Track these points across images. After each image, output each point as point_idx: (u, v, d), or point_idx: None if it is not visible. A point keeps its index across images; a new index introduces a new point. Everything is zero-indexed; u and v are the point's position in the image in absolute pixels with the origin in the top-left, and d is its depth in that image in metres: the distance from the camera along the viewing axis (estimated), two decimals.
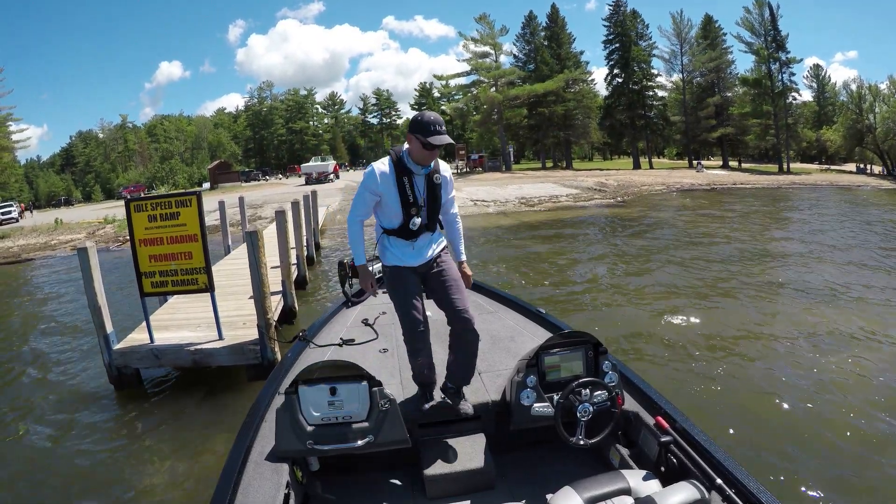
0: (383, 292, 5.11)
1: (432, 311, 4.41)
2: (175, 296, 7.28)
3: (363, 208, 2.84)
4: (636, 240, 15.04)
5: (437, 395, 2.99)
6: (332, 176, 44.44)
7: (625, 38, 52.72)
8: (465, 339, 2.85)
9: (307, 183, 40.37)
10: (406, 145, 2.74)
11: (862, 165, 51.18)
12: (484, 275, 10.85)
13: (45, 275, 16.27)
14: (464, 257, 3.07)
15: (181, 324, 6.48)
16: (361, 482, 2.91)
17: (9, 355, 7.93)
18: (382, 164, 2.76)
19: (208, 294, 5.73)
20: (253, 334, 5.81)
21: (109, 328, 5.70)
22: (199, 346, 5.69)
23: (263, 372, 5.46)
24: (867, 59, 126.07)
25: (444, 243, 3.03)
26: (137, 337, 6.03)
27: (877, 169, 48.25)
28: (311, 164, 47.69)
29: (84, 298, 5.84)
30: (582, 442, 2.50)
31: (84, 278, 5.60)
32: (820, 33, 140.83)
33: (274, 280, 7.39)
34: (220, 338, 5.81)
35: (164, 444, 4.77)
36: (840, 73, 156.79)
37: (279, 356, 5.75)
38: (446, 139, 2.60)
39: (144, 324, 5.91)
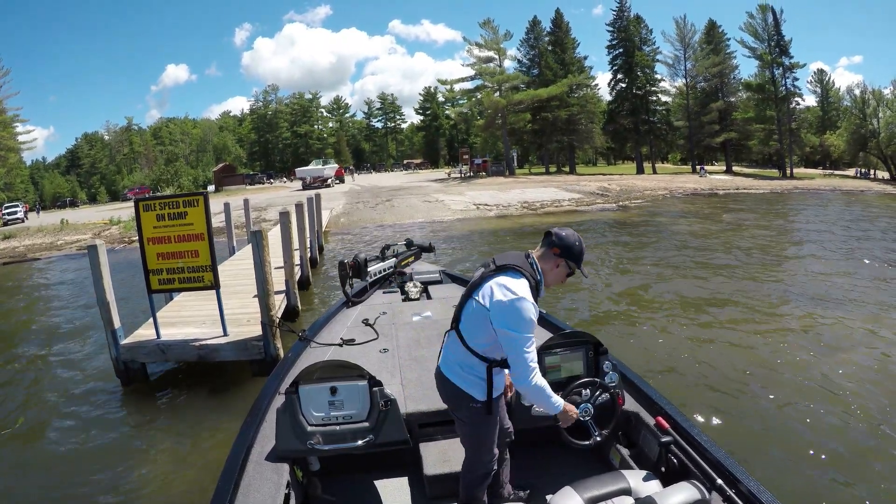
0: (384, 293, 5.23)
1: (432, 311, 4.53)
2: (181, 294, 7.42)
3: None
4: (635, 243, 15.08)
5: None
6: (330, 181, 42.94)
7: (628, 43, 52.76)
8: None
9: (304, 188, 38.66)
10: (537, 261, 2.27)
11: (864, 170, 51.06)
12: None
13: (51, 274, 16.44)
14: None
15: (187, 320, 6.59)
16: (362, 482, 2.92)
17: (17, 351, 8.05)
18: (526, 289, 2.16)
19: (213, 292, 5.84)
20: (257, 331, 5.92)
21: (117, 323, 5.82)
22: (204, 342, 5.81)
23: (267, 367, 5.55)
24: (873, 64, 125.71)
25: None
26: (144, 333, 6.14)
27: (881, 174, 48.12)
28: (307, 168, 46.18)
29: (89, 296, 5.97)
30: (599, 439, 2.48)
31: (93, 275, 5.72)
32: (825, 37, 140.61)
33: (277, 280, 7.50)
34: (225, 334, 5.93)
35: (168, 438, 4.86)
36: (845, 78, 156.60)
37: (282, 352, 5.86)
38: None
39: (151, 320, 6.02)
